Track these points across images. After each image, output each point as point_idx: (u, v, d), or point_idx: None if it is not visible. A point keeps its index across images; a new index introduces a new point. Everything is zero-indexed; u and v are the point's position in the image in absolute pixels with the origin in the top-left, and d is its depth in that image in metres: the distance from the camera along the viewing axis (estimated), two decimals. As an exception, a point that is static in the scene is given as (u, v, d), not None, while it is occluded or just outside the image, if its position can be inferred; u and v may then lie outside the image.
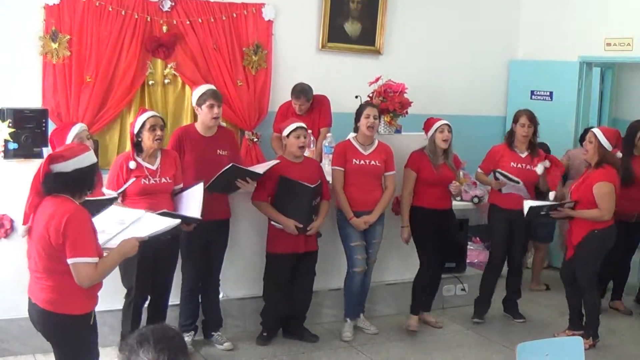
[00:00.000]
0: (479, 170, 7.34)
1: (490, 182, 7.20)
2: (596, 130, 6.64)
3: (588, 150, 6.57)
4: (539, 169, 6.94)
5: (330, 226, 6.75)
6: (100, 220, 4.40)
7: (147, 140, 5.59)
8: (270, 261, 6.46)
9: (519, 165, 7.05)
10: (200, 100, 6.08)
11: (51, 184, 4.03)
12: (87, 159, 4.11)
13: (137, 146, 5.62)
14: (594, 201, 6.47)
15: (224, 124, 6.49)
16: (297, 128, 6.34)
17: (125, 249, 4.21)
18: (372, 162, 6.64)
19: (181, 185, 5.86)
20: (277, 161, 6.39)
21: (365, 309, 7.00)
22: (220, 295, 6.50)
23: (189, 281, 6.26)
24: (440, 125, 6.78)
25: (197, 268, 6.23)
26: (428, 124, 6.90)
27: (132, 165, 5.55)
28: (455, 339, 6.92)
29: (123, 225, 4.40)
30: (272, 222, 6.37)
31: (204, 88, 6.23)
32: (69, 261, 3.92)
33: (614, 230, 6.62)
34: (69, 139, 4.95)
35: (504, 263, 7.42)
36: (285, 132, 6.37)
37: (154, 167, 5.65)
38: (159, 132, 5.64)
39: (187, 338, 6.22)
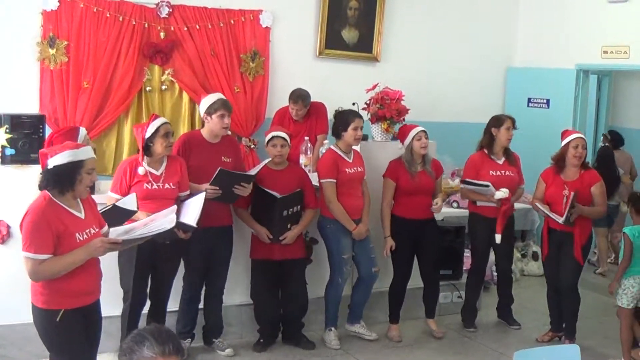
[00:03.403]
0: (463, 186, 7.23)
1: (478, 197, 7.09)
2: (584, 136, 6.83)
3: (582, 157, 6.65)
4: (498, 195, 6.85)
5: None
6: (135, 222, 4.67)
7: (159, 146, 5.62)
8: (252, 267, 6.51)
9: (498, 173, 7.04)
10: (211, 109, 6.09)
11: (42, 179, 4.19)
12: (69, 156, 4.16)
13: (146, 151, 5.63)
14: (590, 202, 6.62)
15: (229, 132, 6.51)
16: (273, 137, 6.34)
17: (89, 249, 4.22)
18: (358, 169, 6.64)
19: (187, 193, 5.87)
20: (267, 160, 6.39)
21: (363, 316, 6.97)
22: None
23: (190, 288, 6.25)
24: (417, 133, 6.71)
25: (198, 275, 6.24)
26: (403, 132, 6.82)
27: (141, 170, 5.59)
28: (452, 346, 6.91)
29: (147, 226, 4.56)
30: (251, 230, 6.41)
31: (214, 97, 6.24)
32: (21, 253, 4.07)
33: None
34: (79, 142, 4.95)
35: (485, 270, 7.48)
36: (265, 140, 6.41)
37: (157, 173, 5.68)
38: (171, 140, 5.73)
39: (184, 345, 6.23)
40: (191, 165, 6.08)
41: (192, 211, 5.65)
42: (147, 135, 5.59)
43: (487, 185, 6.90)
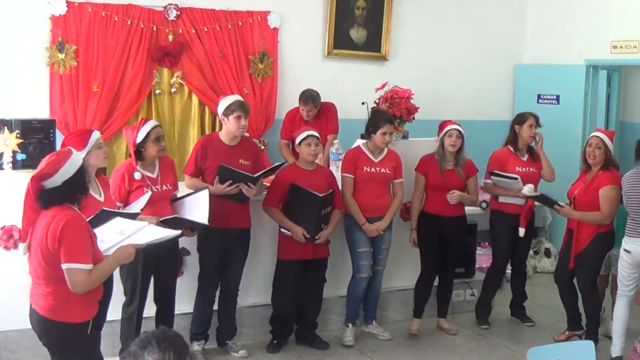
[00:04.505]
0: (489, 181, 7.21)
1: (504, 192, 7.10)
2: (602, 135, 6.61)
3: (596, 156, 6.51)
4: (525, 190, 6.82)
5: (340, 233, 6.75)
6: (101, 230, 4.40)
7: (151, 150, 5.63)
8: (280, 268, 6.48)
9: (524, 169, 7.07)
10: (228, 111, 6.11)
11: (47, 199, 4.04)
12: (72, 166, 4.09)
13: (138, 155, 5.62)
14: (596, 205, 6.47)
15: (247, 134, 6.52)
16: (307, 136, 6.37)
17: (121, 255, 4.22)
18: (383, 170, 6.65)
19: (177, 191, 5.91)
20: (281, 163, 6.43)
21: (376, 316, 7.00)
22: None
23: (206, 290, 6.26)
24: (450, 130, 6.78)
25: (213, 276, 6.24)
26: (441, 127, 6.90)
27: (137, 176, 5.58)
28: (466, 344, 6.91)
29: (123, 235, 4.38)
30: (282, 229, 6.39)
31: (231, 99, 6.26)
32: (63, 266, 3.94)
33: (614, 233, 6.65)
34: (90, 145, 4.97)
35: (506, 268, 7.44)
36: (297, 141, 6.42)
37: (154, 176, 5.69)
38: (163, 143, 5.75)
39: (198, 347, 6.25)
40: (208, 168, 6.13)
41: (199, 209, 5.64)
42: (138, 140, 5.58)
43: (516, 178, 6.89)
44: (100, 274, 4.06)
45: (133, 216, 5.01)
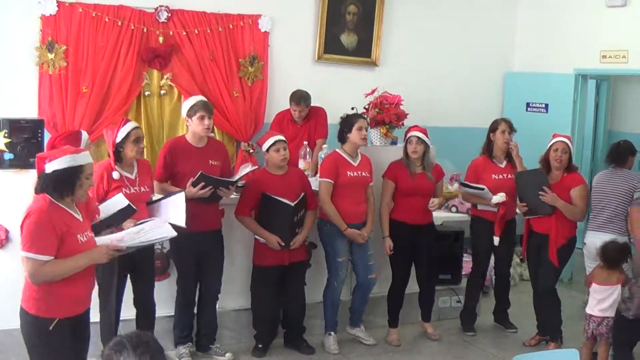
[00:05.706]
0: (462, 188, 7.24)
1: (478, 200, 7.12)
2: (567, 141, 6.79)
3: (562, 161, 6.67)
4: (495, 199, 6.89)
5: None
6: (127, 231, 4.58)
7: (129, 152, 5.57)
8: (257, 273, 6.45)
9: (501, 176, 7.08)
10: (191, 112, 6.07)
11: (39, 183, 4.13)
12: (67, 161, 4.12)
13: (116, 156, 5.58)
14: (569, 204, 6.63)
15: (211, 135, 6.47)
16: (276, 142, 6.31)
17: (94, 255, 4.24)
18: (364, 174, 6.63)
19: (153, 194, 5.88)
20: (253, 167, 6.41)
21: (363, 321, 6.98)
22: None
23: (184, 293, 6.24)
24: (409, 137, 6.77)
25: (191, 280, 6.22)
26: (405, 133, 6.92)
27: (115, 175, 5.50)
28: (452, 350, 6.91)
29: (138, 234, 4.50)
30: (256, 236, 6.38)
31: (194, 99, 6.23)
32: (21, 253, 4.02)
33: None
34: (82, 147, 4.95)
35: (486, 274, 7.46)
36: (265, 147, 6.35)
37: (132, 176, 5.64)
38: (141, 145, 5.72)
39: (185, 349, 6.23)
40: (179, 172, 6.07)
41: (176, 212, 5.59)
42: (118, 140, 5.53)
43: (482, 189, 6.92)
44: (64, 267, 4.07)
45: (130, 211, 5.04)
